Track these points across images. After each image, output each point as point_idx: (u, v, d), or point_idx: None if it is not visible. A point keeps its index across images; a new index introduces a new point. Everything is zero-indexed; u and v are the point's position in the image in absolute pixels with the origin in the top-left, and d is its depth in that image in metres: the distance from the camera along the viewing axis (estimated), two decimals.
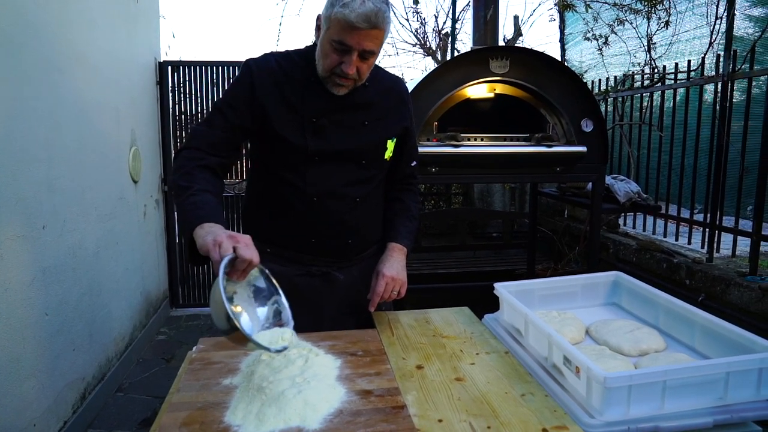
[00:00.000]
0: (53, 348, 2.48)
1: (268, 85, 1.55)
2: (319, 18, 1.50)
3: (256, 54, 1.63)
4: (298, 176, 1.59)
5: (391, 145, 1.68)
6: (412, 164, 1.82)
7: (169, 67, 4.45)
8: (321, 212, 1.61)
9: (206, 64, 4.48)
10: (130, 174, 3.62)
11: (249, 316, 1.30)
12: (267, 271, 1.33)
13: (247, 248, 1.25)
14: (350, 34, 1.40)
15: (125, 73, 3.62)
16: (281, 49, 1.56)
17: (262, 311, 1.31)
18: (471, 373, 1.34)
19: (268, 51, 1.64)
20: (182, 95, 4.49)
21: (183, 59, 4.59)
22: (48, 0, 2.53)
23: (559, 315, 1.63)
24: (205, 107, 4.50)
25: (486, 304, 1.82)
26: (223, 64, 4.49)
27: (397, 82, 1.74)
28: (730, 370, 1.16)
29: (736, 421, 1.17)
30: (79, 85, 2.84)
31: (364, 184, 1.66)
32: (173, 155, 3.86)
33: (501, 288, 1.67)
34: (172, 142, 4.50)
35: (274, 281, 1.34)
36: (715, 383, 1.17)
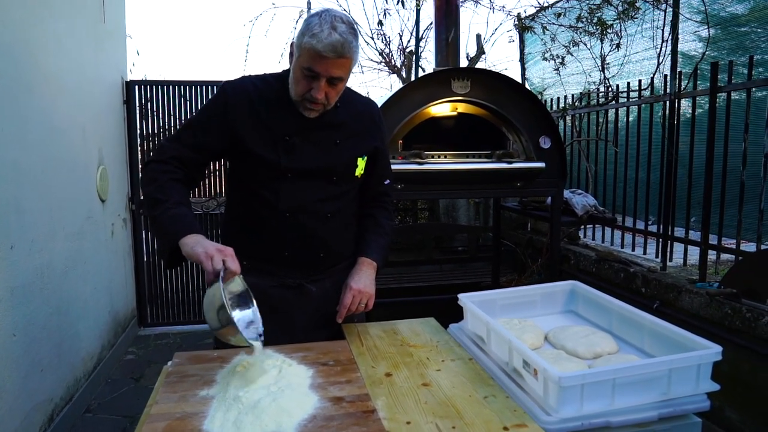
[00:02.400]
0: (20, 369, 2.46)
1: (242, 106, 1.63)
2: (292, 45, 1.59)
3: (222, 73, 1.74)
4: (272, 192, 1.66)
5: (361, 162, 1.76)
6: (385, 182, 1.90)
7: (136, 86, 4.46)
8: (293, 227, 1.69)
9: (173, 83, 4.51)
10: (98, 193, 3.61)
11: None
12: (244, 281, 1.51)
13: (233, 261, 1.43)
14: (318, 62, 1.50)
15: (92, 93, 3.63)
16: (249, 69, 1.67)
17: (240, 314, 1.49)
18: (437, 379, 1.41)
19: (246, 75, 1.73)
20: (149, 114, 4.50)
21: (148, 78, 4.61)
22: (14, 20, 2.55)
23: (520, 323, 1.73)
24: (171, 126, 4.51)
25: (452, 315, 1.89)
26: (190, 83, 4.53)
27: (370, 104, 1.85)
28: (672, 367, 1.27)
29: (679, 414, 1.28)
30: (46, 104, 2.85)
31: (336, 200, 1.73)
32: (141, 166, 3.86)
33: (464, 298, 1.76)
34: (139, 161, 4.50)
35: (250, 291, 1.51)
36: (659, 380, 1.28)
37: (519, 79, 5.70)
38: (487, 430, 1.17)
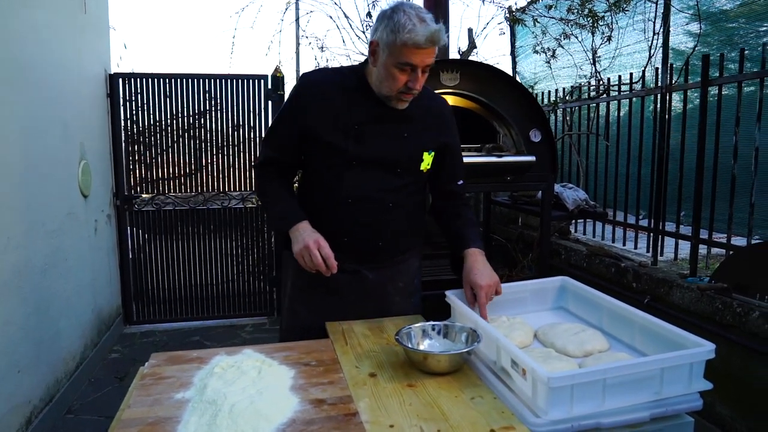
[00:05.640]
0: None
1: (315, 94, 1.72)
2: (374, 44, 1.63)
3: (210, 65, 1.79)
4: (336, 179, 1.73)
5: (428, 157, 1.80)
6: (459, 183, 1.92)
7: (120, 79, 4.37)
8: (354, 214, 1.74)
9: (159, 76, 4.42)
10: (80, 188, 3.54)
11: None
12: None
13: (329, 257, 1.61)
14: (416, 54, 1.55)
15: (74, 86, 3.54)
16: (236, 61, 1.74)
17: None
18: (422, 379, 1.37)
19: (323, 67, 1.81)
20: (135, 108, 4.41)
21: (136, 71, 4.52)
22: None
23: (509, 320, 1.68)
24: (158, 120, 4.43)
25: (442, 311, 1.85)
26: (176, 76, 4.44)
27: (441, 101, 1.89)
28: (664, 366, 1.23)
29: (671, 414, 1.24)
30: (24, 98, 2.77)
31: (398, 191, 1.77)
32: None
33: (452, 296, 1.72)
34: (124, 156, 4.41)
35: None
36: (651, 379, 1.24)
37: (510, 73, 5.65)
38: None
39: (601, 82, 4.17)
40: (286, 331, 1.88)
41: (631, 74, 3.73)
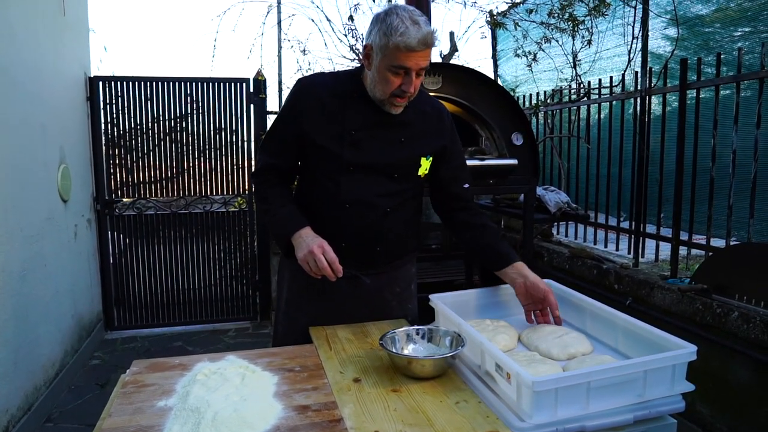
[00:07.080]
0: None
1: (311, 100, 1.70)
2: (368, 47, 1.62)
3: (191, 69, 1.75)
4: (334, 184, 1.72)
5: (425, 163, 1.78)
6: (465, 186, 1.89)
7: (100, 82, 4.31)
8: (352, 219, 1.73)
9: (140, 79, 4.38)
10: (59, 193, 3.48)
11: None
12: None
13: (334, 262, 1.59)
14: (408, 57, 1.54)
15: (52, 88, 3.49)
16: (217, 64, 1.71)
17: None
18: (407, 384, 1.36)
19: (320, 72, 1.82)
20: (115, 111, 4.35)
21: (117, 74, 4.47)
22: None
23: (492, 323, 1.69)
24: (139, 123, 4.38)
25: (427, 314, 1.85)
26: (157, 79, 4.40)
27: (438, 105, 1.86)
28: (647, 368, 1.24)
29: (654, 416, 1.25)
30: (0, 100, 2.72)
31: (396, 196, 1.76)
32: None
33: (436, 299, 1.71)
34: (104, 159, 4.35)
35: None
36: (634, 382, 1.24)
37: (492, 77, 5.68)
38: None
39: (581, 86, 4.21)
40: (283, 337, 1.86)
41: (611, 78, 3.78)
